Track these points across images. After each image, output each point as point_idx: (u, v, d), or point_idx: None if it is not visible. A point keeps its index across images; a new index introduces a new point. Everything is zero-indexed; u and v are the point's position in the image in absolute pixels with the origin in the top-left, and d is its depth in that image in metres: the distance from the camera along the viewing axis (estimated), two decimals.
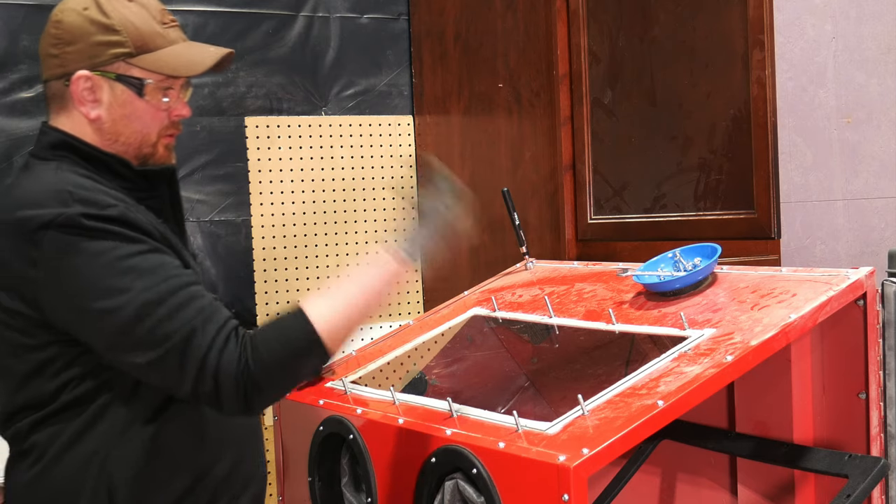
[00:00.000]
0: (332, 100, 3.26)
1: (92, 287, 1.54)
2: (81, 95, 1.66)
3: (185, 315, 1.54)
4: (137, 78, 1.68)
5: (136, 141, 1.70)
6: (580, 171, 2.71)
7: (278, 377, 1.59)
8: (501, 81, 2.96)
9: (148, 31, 1.68)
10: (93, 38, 1.65)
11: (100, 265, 1.54)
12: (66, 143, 1.68)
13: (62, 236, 1.54)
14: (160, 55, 1.69)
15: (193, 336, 1.53)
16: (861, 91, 3.25)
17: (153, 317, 1.52)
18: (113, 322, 1.53)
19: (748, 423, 2.01)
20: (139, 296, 1.53)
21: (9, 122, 2.75)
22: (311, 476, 1.93)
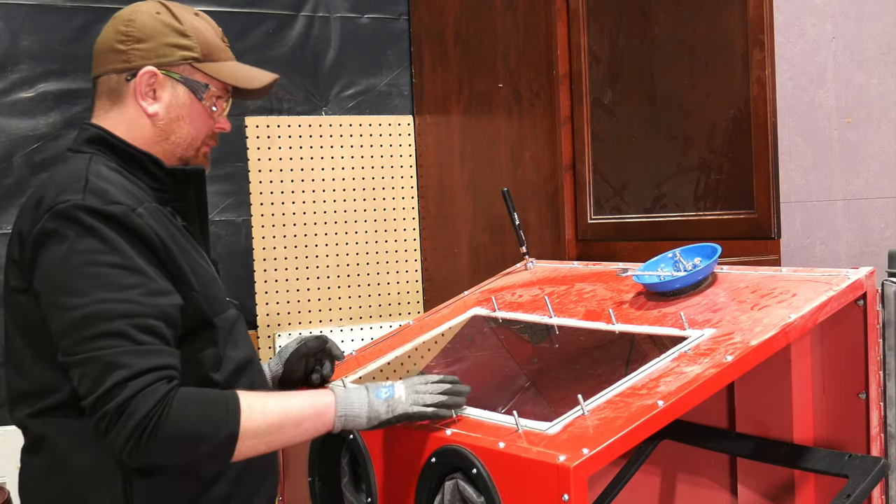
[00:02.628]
0: (333, 100, 3.26)
1: (57, 281, 1.57)
2: (143, 90, 1.74)
3: (126, 343, 1.53)
4: (200, 82, 1.77)
5: (185, 142, 1.78)
6: (580, 171, 2.71)
7: (179, 441, 1.54)
8: (501, 81, 2.96)
9: (213, 42, 1.80)
10: (165, 39, 1.75)
11: (72, 262, 1.56)
12: (102, 137, 1.74)
13: (56, 223, 1.58)
14: (222, 66, 1.80)
15: (119, 361, 1.52)
16: (861, 91, 3.25)
17: (94, 328, 1.53)
18: (61, 319, 1.56)
19: (748, 423, 2.01)
20: (91, 305, 1.54)
21: (9, 122, 2.75)
22: (311, 476, 1.93)
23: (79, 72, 2.82)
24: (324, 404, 1.65)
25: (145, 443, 1.51)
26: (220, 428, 1.55)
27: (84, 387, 1.54)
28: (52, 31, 2.80)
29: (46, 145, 2.78)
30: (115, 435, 1.51)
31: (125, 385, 1.51)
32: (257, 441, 1.59)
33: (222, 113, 1.82)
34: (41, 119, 2.78)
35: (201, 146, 1.81)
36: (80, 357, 1.53)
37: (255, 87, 1.84)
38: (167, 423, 1.51)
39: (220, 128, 1.83)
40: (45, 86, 2.78)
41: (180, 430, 1.53)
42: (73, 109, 2.81)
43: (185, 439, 1.54)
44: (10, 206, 2.74)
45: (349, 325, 3.32)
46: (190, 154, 1.80)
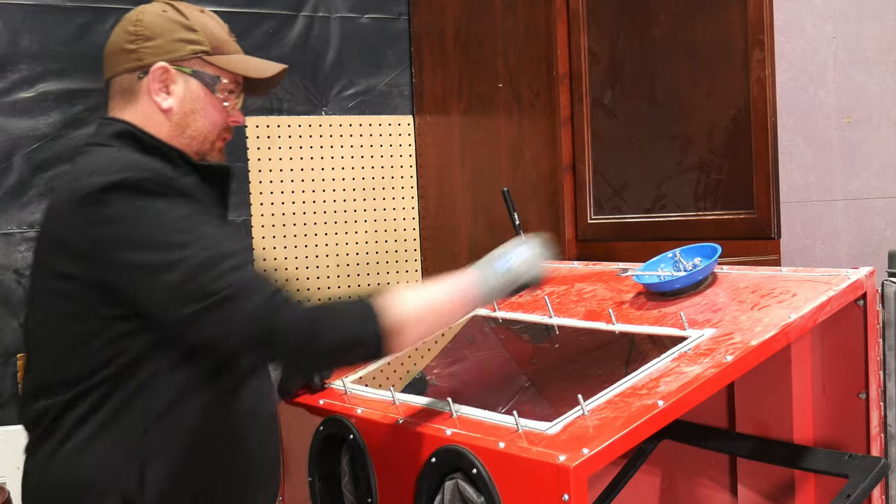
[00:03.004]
0: (333, 100, 3.26)
1: (153, 242, 1.58)
2: (156, 86, 1.76)
3: (243, 273, 1.58)
4: (211, 75, 1.79)
5: (200, 136, 1.80)
6: (580, 171, 2.71)
7: (335, 344, 1.60)
8: (501, 81, 2.96)
9: (221, 36, 1.82)
10: (173, 35, 1.77)
11: (162, 221, 1.60)
12: (130, 132, 1.76)
13: (129, 196, 1.60)
14: (232, 58, 1.82)
15: (252, 288, 1.56)
16: (861, 91, 3.25)
17: (216, 269, 1.56)
18: (172, 276, 1.57)
19: (748, 423, 2.01)
20: (200, 252, 1.57)
21: (9, 122, 2.75)
22: (311, 476, 1.93)
23: (79, 72, 2.82)
24: (468, 286, 1.74)
25: (308, 351, 1.58)
26: (369, 324, 1.61)
27: (222, 328, 1.56)
28: (52, 31, 2.80)
29: (46, 145, 2.78)
30: (280, 351, 1.59)
31: (265, 306, 1.56)
32: (416, 325, 1.66)
33: (235, 106, 1.85)
34: (41, 119, 2.78)
35: (216, 140, 1.83)
36: (211, 300, 1.55)
37: (265, 77, 1.86)
38: (319, 334, 1.58)
39: (234, 121, 1.85)
40: (45, 86, 2.78)
41: (332, 334, 1.59)
42: (73, 109, 2.81)
43: (339, 342, 1.60)
44: (10, 207, 2.74)
45: None
46: (206, 148, 1.82)
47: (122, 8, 2.91)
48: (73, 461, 1.65)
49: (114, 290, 1.62)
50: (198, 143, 1.80)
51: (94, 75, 2.83)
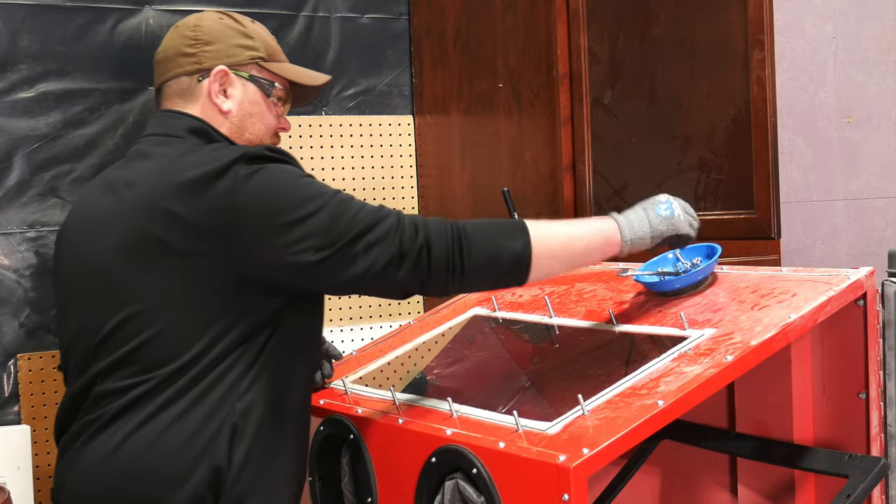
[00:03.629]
0: (333, 100, 3.26)
1: (294, 197, 1.65)
2: (216, 89, 1.82)
3: (378, 207, 1.69)
4: (268, 80, 1.87)
5: (256, 139, 1.87)
6: (580, 171, 2.71)
7: (482, 258, 1.68)
8: (501, 81, 2.96)
9: (273, 44, 1.91)
10: (232, 41, 1.85)
11: (294, 177, 1.68)
12: (205, 129, 1.82)
13: (255, 164, 1.66)
14: (285, 66, 1.91)
15: (391, 216, 1.68)
16: (861, 91, 3.25)
17: (352, 209, 1.65)
18: (319, 220, 1.64)
19: (748, 423, 2.01)
20: (335, 195, 1.67)
21: (9, 121, 2.75)
22: (311, 476, 1.93)
23: (79, 72, 2.82)
24: (611, 230, 1.82)
25: (459, 266, 1.67)
26: (513, 241, 1.70)
27: (377, 250, 1.65)
28: (52, 31, 2.80)
29: (46, 145, 2.78)
30: (436, 269, 1.67)
31: (415, 226, 1.67)
32: (551, 258, 1.74)
33: (283, 113, 1.92)
34: (41, 119, 2.78)
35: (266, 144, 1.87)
36: (357, 231, 1.64)
37: (315, 84, 1.95)
38: (465, 245, 1.67)
39: (282, 128, 1.92)
40: (45, 86, 2.78)
41: (480, 247, 1.68)
42: (73, 109, 2.81)
43: (486, 256, 1.69)
44: (10, 207, 2.74)
45: (349, 325, 3.32)
46: None
47: (122, 8, 2.91)
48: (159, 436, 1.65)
49: (247, 261, 1.65)
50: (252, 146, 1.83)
51: (94, 75, 2.83)
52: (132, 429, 1.66)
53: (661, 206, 1.86)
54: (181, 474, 1.64)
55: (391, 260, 1.65)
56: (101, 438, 1.69)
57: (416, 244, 1.66)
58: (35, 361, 2.72)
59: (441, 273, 1.67)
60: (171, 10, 2.91)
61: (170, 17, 2.89)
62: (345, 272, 1.65)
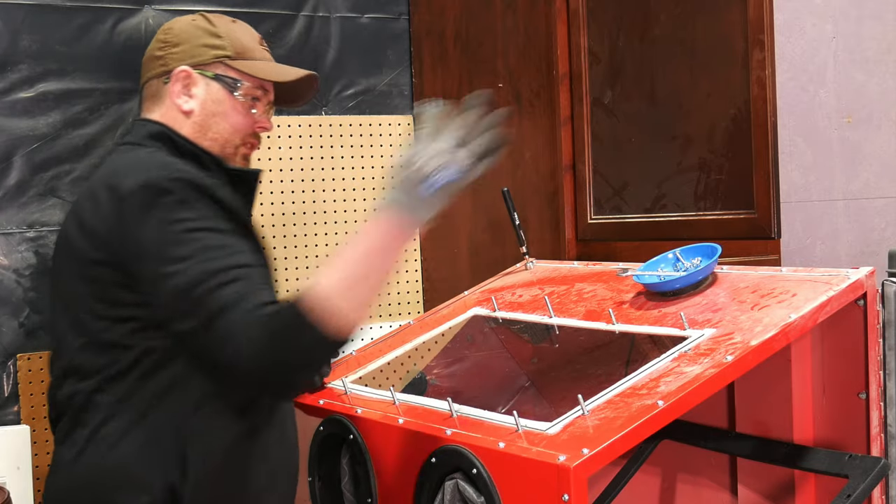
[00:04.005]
0: (332, 100, 3.26)
1: (160, 251, 1.61)
2: (178, 89, 1.81)
3: (232, 289, 1.57)
4: (233, 78, 1.83)
5: (222, 139, 1.83)
6: (580, 171, 2.71)
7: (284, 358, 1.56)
8: (501, 81, 2.96)
9: (247, 43, 1.87)
10: (197, 41, 1.83)
11: (171, 231, 1.61)
12: (165, 133, 1.80)
13: (150, 197, 1.62)
14: (255, 63, 1.86)
15: (229, 309, 1.55)
16: (861, 91, 3.25)
17: (202, 287, 1.57)
18: (170, 287, 1.59)
19: (748, 423, 2.01)
20: (197, 266, 1.58)
21: (9, 122, 2.75)
22: (311, 476, 1.93)
23: (79, 72, 2.82)
24: (383, 224, 1.61)
25: (269, 377, 1.56)
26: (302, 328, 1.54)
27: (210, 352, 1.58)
28: (52, 31, 2.80)
29: (46, 145, 2.78)
30: (249, 383, 1.60)
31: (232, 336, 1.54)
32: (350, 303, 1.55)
33: (264, 113, 1.88)
34: (41, 119, 2.78)
35: (240, 145, 1.85)
36: (194, 324, 1.57)
37: (286, 81, 1.89)
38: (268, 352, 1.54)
39: (262, 127, 1.88)
40: (45, 86, 2.78)
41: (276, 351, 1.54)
42: (73, 109, 2.81)
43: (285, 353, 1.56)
44: (10, 207, 2.74)
45: None
46: (228, 152, 1.84)
47: (122, 8, 2.91)
48: (113, 445, 1.66)
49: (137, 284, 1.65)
50: (219, 147, 1.83)
51: (94, 75, 2.83)
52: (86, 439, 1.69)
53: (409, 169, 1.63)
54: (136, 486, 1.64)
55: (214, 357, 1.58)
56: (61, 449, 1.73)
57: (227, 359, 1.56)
58: (35, 361, 2.72)
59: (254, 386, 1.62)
60: (170, 10, 2.91)
61: (170, 16, 2.89)
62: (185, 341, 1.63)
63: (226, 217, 1.66)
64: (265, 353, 1.53)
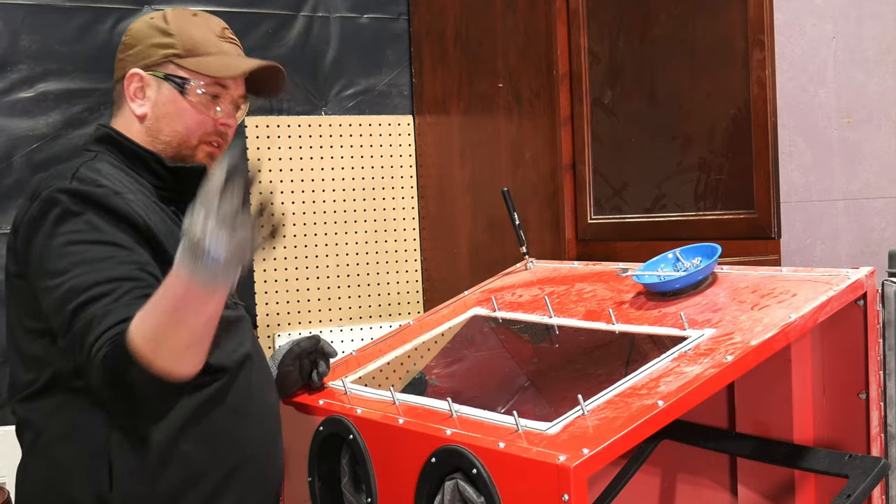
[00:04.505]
0: (332, 100, 3.26)
1: (41, 265, 1.61)
2: (132, 93, 1.79)
3: (91, 309, 1.54)
4: (182, 77, 1.78)
5: (176, 140, 1.79)
6: (580, 171, 2.71)
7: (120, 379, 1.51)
8: (501, 81, 2.96)
9: (201, 38, 1.80)
10: (149, 41, 1.79)
11: (53, 245, 1.60)
12: (109, 136, 1.79)
13: (40, 208, 1.62)
14: (205, 59, 1.80)
15: (88, 330, 1.53)
16: (861, 91, 3.25)
17: (70, 304, 1.56)
18: (48, 300, 1.60)
19: (748, 423, 2.01)
20: (68, 282, 1.57)
21: (9, 121, 2.75)
22: (311, 476, 1.93)
23: (79, 72, 2.82)
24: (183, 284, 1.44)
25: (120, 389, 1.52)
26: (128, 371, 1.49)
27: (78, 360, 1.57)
28: (52, 31, 2.80)
29: (46, 145, 2.78)
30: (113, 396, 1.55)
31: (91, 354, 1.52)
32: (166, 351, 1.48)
33: (227, 111, 1.81)
34: (41, 119, 2.78)
35: (199, 144, 1.80)
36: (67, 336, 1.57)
37: (232, 75, 1.81)
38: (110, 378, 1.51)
39: (224, 124, 1.82)
40: (45, 86, 2.78)
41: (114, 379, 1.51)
42: (72, 109, 2.81)
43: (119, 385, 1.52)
44: (10, 207, 2.74)
45: (349, 325, 3.32)
46: (186, 153, 1.80)
47: (122, 8, 2.91)
48: (46, 458, 1.68)
49: None
50: (174, 148, 1.79)
51: (94, 75, 2.84)
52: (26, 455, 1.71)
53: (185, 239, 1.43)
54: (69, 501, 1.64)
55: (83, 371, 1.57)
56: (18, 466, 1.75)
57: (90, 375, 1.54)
58: None
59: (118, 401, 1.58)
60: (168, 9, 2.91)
61: None
62: None
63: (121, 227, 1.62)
64: (107, 381, 1.52)
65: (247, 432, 1.78)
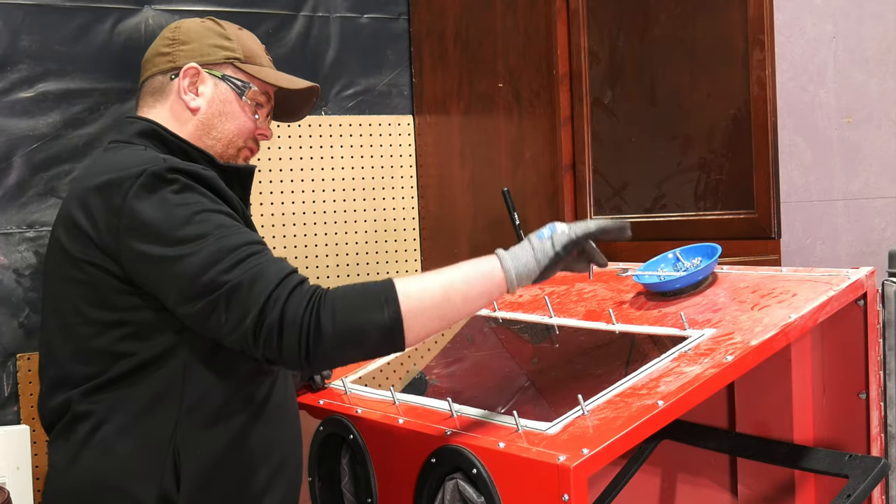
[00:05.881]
0: (332, 100, 3.26)
1: (169, 234, 1.58)
2: (186, 86, 1.81)
3: (253, 262, 1.55)
4: (242, 81, 1.84)
5: (226, 139, 1.83)
6: (580, 171, 2.71)
7: (344, 335, 1.53)
8: (501, 81, 2.96)
9: (256, 49, 1.88)
10: (208, 40, 1.84)
11: (179, 213, 1.59)
12: (154, 130, 1.79)
13: (148, 185, 1.60)
14: (263, 69, 1.88)
15: (259, 276, 1.54)
16: (861, 91, 3.25)
17: (221, 263, 1.55)
18: (184, 268, 1.56)
19: (748, 423, 2.01)
20: (213, 244, 1.56)
21: (9, 122, 2.75)
22: (311, 476, 1.93)
23: (79, 72, 2.82)
24: (489, 267, 1.63)
25: (314, 346, 1.51)
26: (379, 311, 1.53)
27: (227, 324, 1.54)
28: (52, 31, 2.80)
29: (46, 145, 2.78)
30: (288, 355, 1.52)
31: (267, 305, 1.51)
32: (427, 318, 1.56)
33: (264, 120, 1.88)
34: (41, 119, 2.78)
35: (242, 147, 1.86)
36: (220, 293, 1.54)
37: (295, 88, 1.90)
38: (324, 322, 1.51)
39: (262, 134, 1.89)
40: (45, 86, 2.78)
41: (340, 325, 1.52)
42: (72, 109, 2.81)
43: (347, 332, 1.53)
44: (10, 207, 2.74)
45: None
46: (230, 153, 1.84)
47: (122, 8, 2.91)
48: (105, 452, 1.65)
49: (134, 280, 1.63)
50: (222, 146, 1.83)
51: (93, 75, 2.83)
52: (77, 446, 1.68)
53: (545, 230, 1.68)
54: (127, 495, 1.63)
55: (244, 335, 1.54)
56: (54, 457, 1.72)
57: (264, 329, 1.52)
58: (34, 361, 2.72)
59: (293, 357, 1.54)
60: (170, 10, 2.91)
61: (169, 17, 2.90)
62: (203, 324, 1.59)
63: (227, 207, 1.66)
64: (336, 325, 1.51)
65: (289, 428, 1.80)
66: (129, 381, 1.65)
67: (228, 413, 1.68)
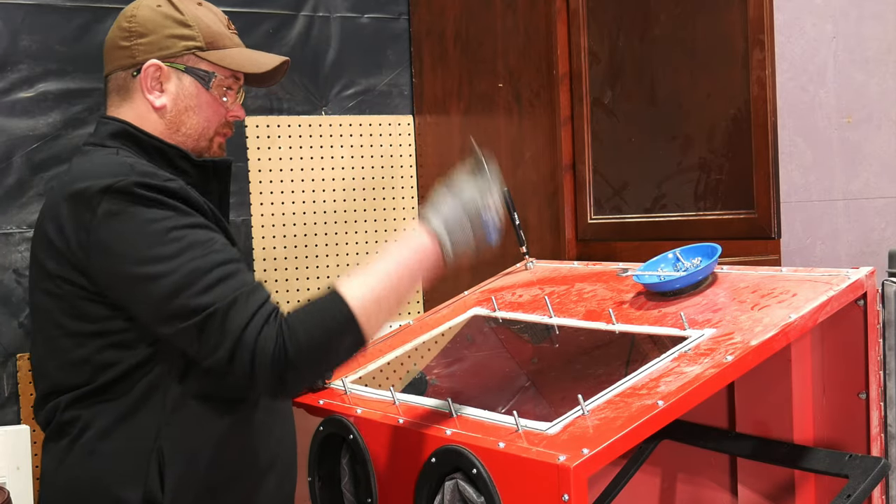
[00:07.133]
0: (332, 100, 3.26)
1: (140, 253, 1.56)
2: (150, 84, 1.74)
3: (228, 287, 1.54)
4: (206, 71, 1.77)
5: (196, 133, 1.78)
6: (580, 171, 2.71)
7: (314, 358, 1.55)
8: (501, 81, 2.96)
9: (217, 30, 1.79)
10: (166, 31, 1.74)
11: (150, 232, 1.56)
12: (127, 131, 1.74)
13: (117, 202, 1.57)
14: (227, 53, 1.79)
15: (233, 307, 1.52)
16: (861, 91, 3.25)
17: (196, 286, 1.53)
18: (156, 289, 1.54)
19: (748, 423, 2.01)
20: (186, 265, 1.54)
21: (9, 121, 2.75)
22: (311, 476, 1.93)
23: (79, 72, 2.82)
24: (420, 243, 1.64)
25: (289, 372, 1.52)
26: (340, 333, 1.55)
27: (203, 349, 1.54)
28: (52, 31, 2.80)
29: (46, 145, 2.78)
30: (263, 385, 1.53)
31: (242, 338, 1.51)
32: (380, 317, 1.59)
33: (235, 101, 1.82)
34: (41, 119, 2.78)
35: (214, 136, 1.81)
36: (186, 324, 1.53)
37: (261, 72, 1.83)
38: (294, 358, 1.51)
39: (235, 115, 1.83)
40: (45, 86, 2.78)
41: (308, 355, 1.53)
42: (72, 109, 2.81)
43: (316, 361, 1.55)
44: (10, 207, 2.74)
45: None
46: (203, 145, 1.80)
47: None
48: (89, 455, 1.65)
49: (107, 295, 1.61)
50: (193, 141, 1.78)
51: (93, 75, 2.83)
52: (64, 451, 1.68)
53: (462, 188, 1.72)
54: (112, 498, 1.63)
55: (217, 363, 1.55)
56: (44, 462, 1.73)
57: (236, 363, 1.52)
58: None
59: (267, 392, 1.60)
60: None
61: None
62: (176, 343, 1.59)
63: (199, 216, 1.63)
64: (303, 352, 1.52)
65: (279, 428, 1.80)
66: (113, 388, 1.65)
67: (212, 415, 1.68)
